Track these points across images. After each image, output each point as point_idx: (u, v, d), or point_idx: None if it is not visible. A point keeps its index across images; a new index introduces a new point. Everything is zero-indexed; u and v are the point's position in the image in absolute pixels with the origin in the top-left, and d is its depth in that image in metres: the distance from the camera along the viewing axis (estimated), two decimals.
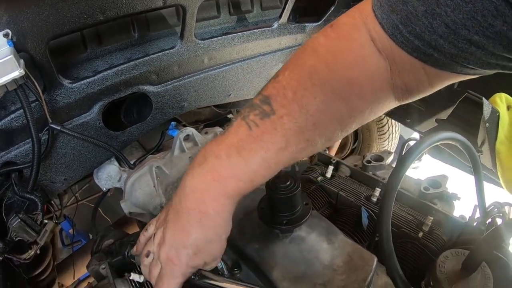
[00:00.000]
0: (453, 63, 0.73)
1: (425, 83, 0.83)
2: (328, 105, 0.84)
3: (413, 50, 0.74)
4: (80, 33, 1.46)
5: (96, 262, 1.23)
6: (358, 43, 0.82)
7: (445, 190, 1.56)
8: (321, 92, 0.83)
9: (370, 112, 0.89)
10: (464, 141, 1.07)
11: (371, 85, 0.84)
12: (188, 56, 1.58)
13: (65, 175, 1.43)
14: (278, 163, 0.87)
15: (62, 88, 1.29)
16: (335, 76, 0.83)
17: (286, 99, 0.83)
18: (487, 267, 0.88)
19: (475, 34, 0.64)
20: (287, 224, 1.12)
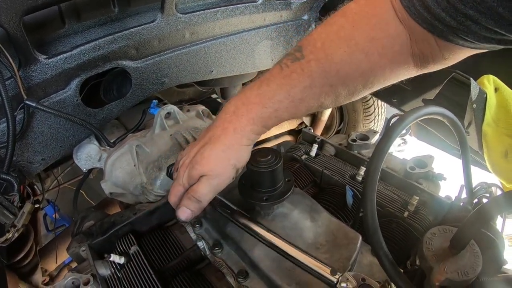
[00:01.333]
0: (454, 35, 0.81)
1: (438, 54, 0.92)
2: (351, 56, 0.93)
3: (423, 21, 0.84)
4: (58, 8, 1.41)
5: (76, 244, 1.20)
6: (383, 9, 0.91)
7: (431, 170, 1.54)
8: (346, 45, 0.93)
9: (390, 71, 0.97)
10: (451, 116, 1.05)
11: (391, 45, 0.92)
12: (168, 30, 1.53)
13: (42, 155, 1.40)
14: (303, 99, 0.96)
15: (38, 64, 1.25)
16: (359, 32, 0.93)
17: (315, 47, 0.95)
18: (475, 244, 0.86)
19: (470, 8, 0.72)
20: (267, 200, 1.10)
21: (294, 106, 0.97)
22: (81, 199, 2.90)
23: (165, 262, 1.17)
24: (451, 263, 0.81)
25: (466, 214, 1.11)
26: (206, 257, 1.18)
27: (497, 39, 0.77)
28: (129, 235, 1.23)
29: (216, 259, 1.14)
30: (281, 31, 2.07)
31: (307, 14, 2.16)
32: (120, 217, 1.27)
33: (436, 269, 0.81)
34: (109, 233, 1.21)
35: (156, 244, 1.23)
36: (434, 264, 0.82)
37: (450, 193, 1.45)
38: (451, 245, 0.83)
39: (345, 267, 1.00)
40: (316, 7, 2.17)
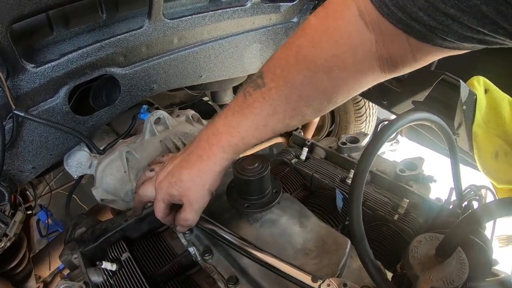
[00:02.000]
0: (432, 35, 0.77)
1: (409, 55, 0.87)
2: (311, 78, 0.94)
3: (398, 22, 0.79)
4: (46, 15, 1.41)
5: (69, 251, 1.20)
6: (346, 20, 0.89)
7: (421, 172, 1.55)
8: (305, 68, 0.94)
9: (354, 82, 0.96)
10: (439, 122, 1.05)
11: (353, 57, 0.91)
12: (156, 36, 1.53)
13: (33, 164, 1.39)
14: (267, 125, 1.00)
15: (26, 73, 1.24)
16: (319, 52, 0.93)
17: (275, 74, 0.97)
18: (462, 252, 0.86)
19: (451, 7, 0.68)
20: (254, 208, 1.10)
21: (259, 132, 1.01)
22: (74, 204, 2.89)
23: (157, 268, 1.18)
24: (436, 271, 0.81)
25: (454, 220, 1.12)
26: (197, 262, 1.18)
27: (479, 39, 0.73)
28: (120, 242, 1.23)
29: (206, 265, 1.15)
30: (270, 34, 2.06)
31: (296, 16, 2.16)
32: (112, 224, 1.28)
33: (422, 277, 0.81)
34: (100, 240, 1.21)
35: (148, 250, 1.24)
36: (419, 272, 0.82)
37: (441, 195, 1.45)
38: (437, 253, 0.83)
39: (334, 272, 1.00)
40: (305, 9, 2.17)
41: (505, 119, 1.77)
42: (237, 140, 1.02)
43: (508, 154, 1.82)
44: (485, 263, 0.97)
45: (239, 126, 1.01)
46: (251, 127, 1.01)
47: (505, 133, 1.79)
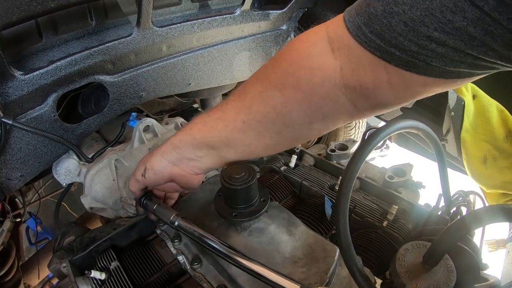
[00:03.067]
0: (415, 61, 0.72)
1: (384, 84, 0.81)
2: (263, 94, 0.95)
3: (376, 50, 0.75)
4: (35, 21, 1.41)
5: (57, 260, 1.20)
6: (310, 43, 0.90)
7: (410, 179, 1.55)
8: (260, 84, 0.96)
9: (311, 106, 0.92)
10: (426, 129, 1.05)
11: (309, 79, 0.88)
12: (145, 44, 1.53)
13: (21, 171, 1.38)
14: (213, 127, 1.04)
15: (14, 80, 1.23)
16: (276, 70, 0.94)
17: (238, 89, 1.02)
18: (449, 259, 0.86)
19: (434, 30, 0.64)
20: (242, 216, 1.11)
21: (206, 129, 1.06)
22: (64, 212, 2.88)
23: (146, 277, 1.17)
24: (423, 280, 0.81)
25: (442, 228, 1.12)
26: (186, 271, 1.18)
27: (467, 63, 0.68)
28: (109, 251, 1.22)
29: (196, 274, 1.14)
30: (259, 42, 2.07)
31: (285, 24, 2.17)
32: (100, 233, 1.27)
33: (409, 286, 0.81)
34: (89, 249, 1.21)
35: (137, 259, 1.23)
36: (406, 280, 0.82)
37: (430, 201, 1.46)
38: (424, 261, 0.83)
39: (322, 280, 1.00)
40: (294, 17, 2.18)
41: (493, 125, 1.78)
42: (187, 129, 1.10)
43: (496, 159, 1.84)
44: (473, 269, 0.97)
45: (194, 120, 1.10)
46: (200, 122, 1.07)
47: (494, 138, 1.80)
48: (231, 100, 1.03)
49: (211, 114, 1.05)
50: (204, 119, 1.06)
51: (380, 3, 0.70)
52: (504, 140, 1.80)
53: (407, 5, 0.65)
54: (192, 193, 1.37)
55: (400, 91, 0.83)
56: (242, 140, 1.03)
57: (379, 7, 0.71)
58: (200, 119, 1.08)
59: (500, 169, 1.84)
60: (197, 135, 1.07)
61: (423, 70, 0.73)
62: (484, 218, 0.74)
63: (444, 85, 0.79)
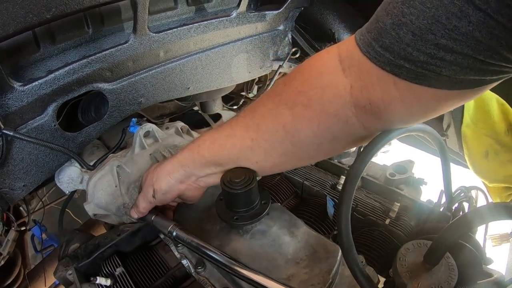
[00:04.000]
0: (425, 72, 0.71)
1: (396, 100, 0.80)
2: (273, 111, 0.97)
3: (386, 64, 0.75)
4: (32, 32, 1.41)
5: (63, 268, 1.21)
6: (322, 62, 0.92)
7: (411, 176, 1.56)
8: (271, 102, 0.98)
9: (320, 125, 0.91)
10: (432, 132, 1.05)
11: (320, 97, 0.89)
12: (142, 50, 1.53)
13: (24, 181, 1.39)
14: (222, 145, 1.07)
15: (14, 92, 1.24)
16: (287, 88, 0.96)
17: (248, 108, 1.05)
18: (450, 257, 0.86)
19: (441, 37, 0.64)
20: (243, 220, 1.12)
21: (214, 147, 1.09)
22: (68, 218, 2.89)
23: (151, 282, 1.18)
24: (425, 279, 0.82)
25: (443, 225, 1.13)
26: (191, 275, 1.19)
27: (476, 68, 0.67)
28: (114, 257, 1.24)
29: (200, 277, 1.15)
30: (257, 43, 2.07)
31: (282, 24, 2.17)
32: (104, 239, 1.28)
33: (410, 286, 0.81)
34: (94, 256, 1.22)
35: (141, 264, 1.24)
36: (407, 280, 0.82)
37: (432, 197, 1.46)
38: (425, 260, 0.83)
39: (325, 280, 1.01)
40: (291, 16, 2.18)
41: (494, 118, 1.78)
42: (194, 146, 1.14)
43: (498, 153, 1.83)
44: (475, 265, 0.98)
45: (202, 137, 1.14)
46: (209, 140, 1.10)
47: (495, 132, 1.80)
48: (241, 117, 1.05)
49: (220, 131, 1.08)
50: (213, 137, 1.09)
51: (389, 16, 0.71)
52: (506, 134, 1.80)
53: (414, 15, 0.66)
54: None
55: (413, 107, 0.82)
56: (250, 158, 1.06)
57: (388, 21, 0.71)
58: (209, 136, 1.11)
59: (502, 163, 1.84)
60: (206, 153, 1.10)
61: (433, 81, 0.72)
62: (486, 216, 0.75)
63: (458, 97, 0.78)
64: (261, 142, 1.00)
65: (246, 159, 1.06)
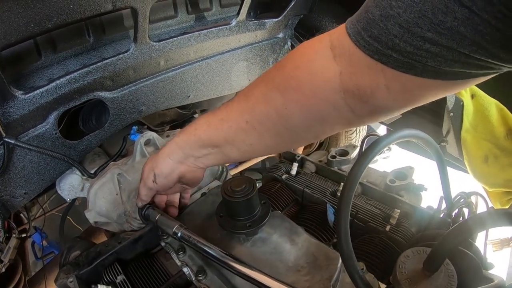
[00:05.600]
0: (411, 62, 0.73)
1: (381, 86, 0.83)
2: (266, 95, 1.00)
3: (374, 53, 0.77)
4: (34, 40, 1.42)
5: (64, 275, 1.20)
6: (314, 49, 0.94)
7: (411, 182, 1.56)
8: (264, 85, 1.01)
9: (311, 109, 0.95)
10: (426, 137, 1.06)
11: (310, 82, 0.92)
12: (143, 59, 1.55)
13: (25, 189, 1.40)
14: (218, 128, 1.09)
15: (15, 100, 1.25)
16: (279, 73, 0.99)
17: (242, 91, 1.08)
18: (450, 264, 0.86)
19: (427, 31, 0.66)
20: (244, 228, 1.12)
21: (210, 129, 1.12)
22: (69, 225, 2.89)
23: None
24: (424, 286, 0.82)
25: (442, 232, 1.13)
26: (191, 283, 1.19)
27: (461, 61, 0.69)
28: (115, 264, 1.23)
29: (201, 285, 1.15)
30: (256, 51, 2.09)
31: (282, 32, 2.18)
32: (105, 247, 1.28)
33: None
34: (95, 263, 1.21)
35: (142, 272, 1.24)
36: (407, 287, 0.83)
37: (432, 203, 1.46)
38: (425, 267, 0.84)
39: (326, 287, 1.01)
40: (290, 24, 2.20)
41: (493, 123, 1.79)
42: (191, 128, 1.16)
43: (498, 157, 1.84)
44: (475, 271, 0.97)
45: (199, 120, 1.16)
46: (205, 123, 1.13)
47: (494, 137, 1.81)
48: (236, 101, 1.08)
49: (216, 114, 1.11)
50: (209, 120, 1.12)
51: (377, 8, 0.73)
52: (505, 138, 1.80)
53: (402, 8, 0.68)
54: (194, 205, 1.38)
55: (398, 94, 0.84)
56: (244, 140, 1.08)
57: (376, 12, 0.73)
58: (205, 119, 1.13)
59: (502, 167, 1.84)
60: (202, 135, 1.13)
61: (419, 71, 0.75)
62: (486, 222, 0.75)
63: (442, 87, 0.81)
64: (255, 124, 1.03)
65: (241, 141, 1.08)
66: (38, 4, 1.13)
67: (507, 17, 0.58)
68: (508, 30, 0.60)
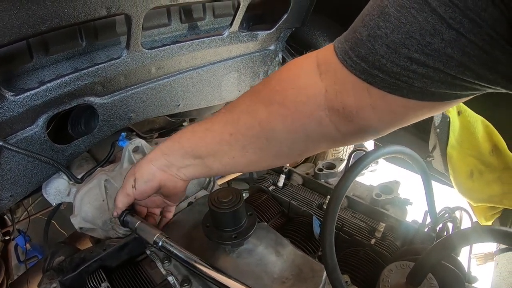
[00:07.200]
0: (397, 82, 0.73)
1: (367, 107, 0.83)
2: (250, 107, 1.00)
3: (361, 72, 0.77)
4: (26, 41, 1.42)
5: (47, 280, 1.20)
6: (300, 65, 0.95)
7: (397, 196, 1.57)
8: (250, 99, 1.02)
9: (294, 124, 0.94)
10: (411, 154, 1.08)
11: (295, 97, 0.92)
12: (134, 66, 1.55)
13: (11, 192, 1.38)
14: (202, 138, 1.08)
15: (5, 101, 1.24)
16: (265, 88, 1.00)
17: (229, 104, 1.08)
18: (433, 278, 0.88)
19: (414, 52, 0.67)
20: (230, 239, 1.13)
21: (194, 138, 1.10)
22: (53, 229, 2.86)
23: None
24: None
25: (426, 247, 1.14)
26: None
27: (448, 82, 0.69)
28: (99, 271, 1.23)
29: None
30: (247, 62, 2.10)
31: (273, 44, 2.20)
32: (90, 253, 1.27)
33: None
34: (79, 270, 1.21)
35: (127, 280, 1.24)
36: None
37: (418, 217, 1.48)
38: (408, 281, 0.85)
39: None
40: (282, 37, 2.22)
41: (479, 139, 1.82)
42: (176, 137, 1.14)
43: (483, 173, 1.87)
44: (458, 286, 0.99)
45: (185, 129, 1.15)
46: (190, 132, 1.11)
47: (479, 153, 1.84)
48: (221, 112, 1.07)
49: (201, 124, 1.10)
50: (194, 129, 1.11)
51: (365, 28, 0.74)
52: (490, 154, 1.83)
53: (389, 29, 0.68)
54: (180, 214, 1.38)
55: (384, 114, 0.84)
56: (227, 152, 1.06)
57: (364, 32, 0.74)
58: (190, 128, 1.12)
59: (487, 183, 1.87)
60: (186, 144, 1.11)
61: (405, 91, 0.75)
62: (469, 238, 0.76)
63: (427, 108, 0.80)
64: (238, 136, 1.02)
65: (224, 153, 1.07)
66: (32, 6, 1.13)
67: (494, 40, 0.59)
68: (495, 52, 0.61)
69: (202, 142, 1.08)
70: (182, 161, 1.14)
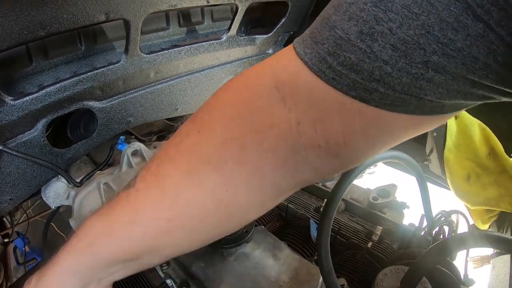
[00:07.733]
0: (405, 97, 0.52)
1: (357, 132, 0.58)
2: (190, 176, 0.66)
3: (350, 88, 0.53)
4: (25, 46, 1.42)
5: None
6: (252, 94, 0.64)
7: (394, 199, 1.59)
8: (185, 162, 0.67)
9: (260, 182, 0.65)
10: (407, 159, 1.09)
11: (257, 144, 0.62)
12: (133, 70, 1.56)
13: (10, 195, 1.39)
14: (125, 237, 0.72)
15: (5, 106, 1.24)
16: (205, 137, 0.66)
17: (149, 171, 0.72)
18: (427, 282, 0.89)
19: (433, 53, 0.47)
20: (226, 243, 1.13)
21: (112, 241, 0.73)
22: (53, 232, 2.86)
23: None
24: None
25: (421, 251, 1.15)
26: None
27: (464, 92, 0.50)
28: None
29: None
30: (245, 66, 2.10)
31: (271, 48, 2.21)
32: None
33: None
34: None
35: (125, 283, 1.25)
36: None
37: (415, 220, 1.49)
38: (402, 285, 0.86)
39: None
40: (280, 41, 2.23)
41: (476, 143, 1.83)
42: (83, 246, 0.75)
43: (479, 176, 1.88)
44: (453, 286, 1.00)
45: (91, 229, 0.75)
46: (103, 232, 0.73)
47: (476, 156, 1.85)
48: (142, 188, 0.70)
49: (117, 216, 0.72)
50: (109, 227, 0.73)
51: (353, 22, 0.50)
52: (487, 158, 1.84)
53: (395, 22, 0.47)
54: None
55: (376, 138, 0.61)
56: (169, 243, 0.74)
57: (353, 28, 0.50)
58: (102, 227, 0.74)
59: (483, 186, 1.88)
60: (103, 253, 0.74)
61: (412, 107, 0.54)
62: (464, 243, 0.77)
63: (427, 123, 0.59)
64: (182, 220, 0.69)
65: (164, 245, 0.74)
66: (32, 12, 1.14)
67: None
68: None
69: (128, 243, 0.72)
70: (105, 271, 0.77)
